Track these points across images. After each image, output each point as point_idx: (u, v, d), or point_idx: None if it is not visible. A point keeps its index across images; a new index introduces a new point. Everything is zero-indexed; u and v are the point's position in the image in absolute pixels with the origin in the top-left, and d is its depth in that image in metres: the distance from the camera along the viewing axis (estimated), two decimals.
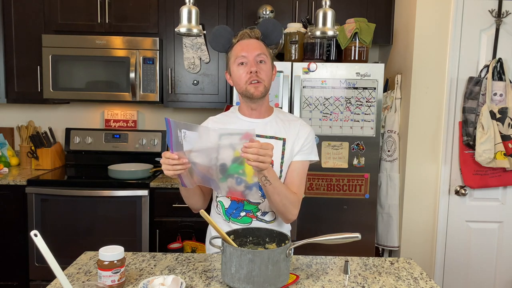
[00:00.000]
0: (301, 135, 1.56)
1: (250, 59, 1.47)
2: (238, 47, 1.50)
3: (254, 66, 1.46)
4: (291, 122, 1.58)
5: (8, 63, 2.95)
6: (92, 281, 1.33)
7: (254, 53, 1.47)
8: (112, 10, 2.89)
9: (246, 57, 1.48)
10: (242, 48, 1.49)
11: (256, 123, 1.53)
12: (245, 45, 1.49)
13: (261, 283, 1.25)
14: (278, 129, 1.55)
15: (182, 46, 2.91)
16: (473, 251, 2.71)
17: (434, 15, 2.57)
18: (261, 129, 1.54)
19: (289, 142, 1.54)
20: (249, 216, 1.55)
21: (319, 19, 1.72)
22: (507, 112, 2.51)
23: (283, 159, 1.53)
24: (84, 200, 2.73)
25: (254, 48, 1.48)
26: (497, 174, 2.58)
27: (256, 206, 1.55)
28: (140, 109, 3.36)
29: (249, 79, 1.47)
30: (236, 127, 1.49)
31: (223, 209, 1.58)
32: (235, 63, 1.50)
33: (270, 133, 1.54)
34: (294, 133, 1.55)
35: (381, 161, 2.80)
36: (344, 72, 2.53)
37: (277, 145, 1.52)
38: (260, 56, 1.48)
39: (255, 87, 1.47)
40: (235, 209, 1.56)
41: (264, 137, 1.53)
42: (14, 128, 3.35)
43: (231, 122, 1.57)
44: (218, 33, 1.52)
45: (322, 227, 2.60)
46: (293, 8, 2.90)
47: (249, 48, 1.48)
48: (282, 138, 1.54)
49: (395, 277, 1.42)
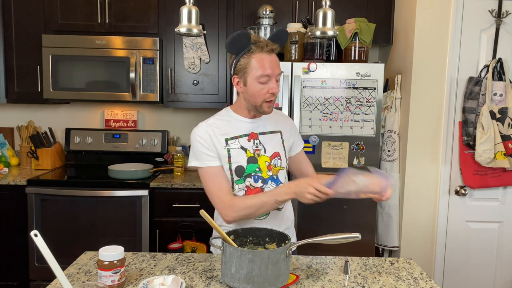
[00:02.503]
0: (291, 126, 1.71)
1: (273, 80, 1.48)
2: (260, 63, 1.46)
3: (277, 88, 1.49)
4: (278, 117, 1.68)
5: (8, 63, 2.95)
6: (92, 281, 1.33)
7: (276, 73, 1.49)
8: (112, 10, 2.89)
9: (270, 77, 1.47)
10: (266, 66, 1.46)
11: (256, 123, 1.60)
12: (268, 63, 1.47)
13: (261, 283, 1.25)
14: (273, 123, 1.64)
15: (182, 46, 2.91)
16: (473, 251, 2.71)
17: (434, 15, 2.57)
18: (261, 127, 1.60)
19: (285, 134, 1.66)
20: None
21: (319, 19, 1.72)
22: (507, 112, 2.51)
23: (285, 149, 1.65)
24: (84, 200, 2.73)
25: (276, 67, 1.49)
26: (497, 174, 2.58)
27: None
28: (140, 109, 3.36)
29: (268, 98, 1.49)
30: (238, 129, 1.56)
31: None
32: (257, 79, 1.47)
33: (269, 129, 1.62)
34: (285, 126, 1.67)
35: (381, 161, 2.80)
36: (344, 72, 2.53)
37: (277, 138, 1.63)
38: (278, 76, 1.51)
39: (269, 106, 1.52)
40: None
41: (265, 133, 1.61)
42: (14, 128, 3.35)
43: (232, 126, 1.57)
44: (238, 37, 1.46)
45: (322, 227, 2.60)
46: (293, 8, 2.90)
47: (273, 67, 1.47)
48: (279, 130, 1.65)
49: (395, 277, 1.42)
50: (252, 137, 1.55)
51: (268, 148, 1.59)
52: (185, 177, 2.94)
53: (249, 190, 1.55)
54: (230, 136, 1.54)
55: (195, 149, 1.53)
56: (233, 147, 1.53)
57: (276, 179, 1.59)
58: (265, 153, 1.58)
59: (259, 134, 1.59)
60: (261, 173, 1.55)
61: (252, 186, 1.55)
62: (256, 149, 1.56)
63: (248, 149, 1.54)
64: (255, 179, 1.55)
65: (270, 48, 1.47)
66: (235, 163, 1.52)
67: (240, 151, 1.53)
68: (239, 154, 1.53)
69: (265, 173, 1.56)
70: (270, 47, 1.48)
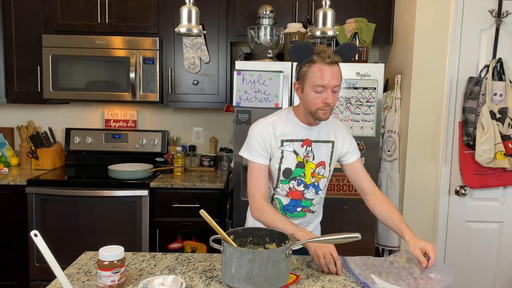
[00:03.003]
0: (346, 138, 1.73)
1: (328, 91, 1.53)
2: (318, 73, 1.52)
3: (331, 99, 1.53)
4: (335, 126, 1.73)
5: (8, 63, 2.95)
6: (92, 281, 1.33)
7: (333, 84, 1.53)
8: (112, 10, 2.89)
9: (326, 87, 1.52)
10: (324, 77, 1.51)
11: (312, 130, 1.67)
12: (326, 74, 1.51)
13: (261, 283, 1.25)
14: (328, 133, 1.70)
15: (182, 46, 2.91)
16: (473, 251, 2.71)
17: (434, 15, 2.57)
18: (315, 135, 1.68)
19: (338, 144, 1.71)
20: (304, 211, 1.72)
21: (319, 19, 1.72)
22: (507, 112, 2.51)
23: (332, 160, 1.72)
24: (84, 200, 2.73)
25: (334, 79, 1.52)
26: (497, 174, 2.58)
27: (310, 201, 1.71)
28: (140, 109, 3.36)
29: (322, 107, 1.55)
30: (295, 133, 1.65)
31: (280, 205, 1.71)
32: (312, 87, 1.53)
33: (323, 138, 1.69)
34: (340, 136, 1.72)
35: (381, 161, 2.80)
36: (344, 72, 2.51)
37: (328, 148, 1.70)
38: (336, 87, 1.54)
39: (325, 113, 1.57)
40: (293, 205, 1.70)
41: (318, 142, 1.68)
42: (14, 128, 3.35)
43: (290, 128, 1.65)
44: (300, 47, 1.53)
45: (322, 227, 2.58)
46: (293, 8, 2.90)
47: (330, 79, 1.51)
48: (332, 141, 1.70)
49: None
50: (306, 143, 1.65)
51: (317, 156, 1.68)
52: (185, 177, 2.94)
53: (291, 192, 1.68)
54: (286, 138, 1.64)
55: (251, 143, 1.64)
56: (287, 150, 1.64)
57: (317, 185, 1.70)
58: (313, 160, 1.67)
59: (313, 142, 1.67)
60: (304, 178, 1.66)
61: (294, 188, 1.67)
62: (306, 155, 1.66)
63: (299, 154, 1.65)
64: (298, 183, 1.67)
65: (332, 60, 1.52)
66: (285, 164, 1.64)
67: (292, 155, 1.64)
68: (291, 157, 1.64)
69: (308, 179, 1.67)
70: (332, 59, 1.52)
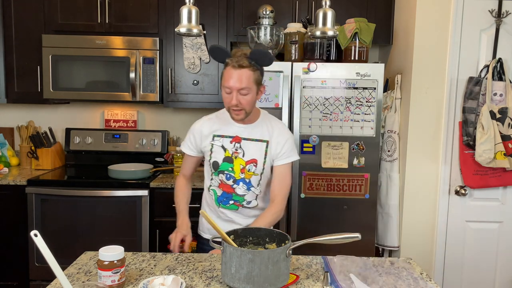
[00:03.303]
0: (281, 141, 1.76)
1: (233, 93, 1.63)
2: (226, 75, 1.63)
3: (235, 100, 1.63)
4: (274, 128, 1.78)
5: (8, 63, 2.95)
6: (92, 281, 1.33)
7: (237, 87, 1.61)
8: (112, 10, 2.89)
9: (231, 89, 1.63)
10: (228, 80, 1.62)
11: (244, 128, 1.75)
12: (231, 77, 1.61)
13: (261, 283, 1.25)
14: (263, 132, 1.77)
15: (182, 46, 2.91)
16: (473, 251, 2.71)
17: (434, 15, 2.57)
18: (248, 133, 1.76)
19: (272, 145, 1.76)
20: (236, 205, 1.80)
21: (319, 19, 1.72)
22: (507, 112, 2.51)
23: (266, 159, 1.77)
24: (84, 200, 2.73)
25: (238, 81, 1.60)
26: (497, 174, 2.58)
27: (242, 197, 1.78)
28: (140, 109, 3.36)
29: (231, 107, 1.66)
30: (227, 129, 1.76)
31: (215, 196, 1.82)
32: (223, 88, 1.65)
33: (256, 137, 1.76)
34: (275, 138, 1.76)
35: (381, 161, 2.80)
36: (344, 72, 2.53)
37: (261, 147, 1.76)
38: (243, 90, 1.62)
39: (236, 114, 1.68)
40: (226, 198, 1.79)
41: (251, 140, 1.75)
42: (14, 128, 3.35)
43: (223, 125, 1.77)
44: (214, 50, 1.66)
45: (322, 227, 2.60)
46: (293, 8, 2.90)
47: (234, 81, 1.61)
48: (266, 140, 1.76)
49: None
50: (235, 140, 1.75)
51: (247, 153, 1.75)
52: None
53: (222, 184, 1.78)
54: (218, 133, 1.77)
55: (187, 135, 1.85)
56: (216, 144, 1.76)
57: (248, 182, 1.76)
58: (243, 157, 1.75)
59: (243, 139, 1.75)
60: (233, 174, 1.75)
61: (224, 182, 1.77)
62: (235, 151, 1.75)
63: (228, 150, 1.75)
64: (227, 177, 1.76)
65: (238, 64, 1.60)
66: (214, 158, 1.76)
67: (220, 149, 1.76)
68: (219, 151, 1.76)
69: (237, 174, 1.75)
70: (238, 63, 1.60)
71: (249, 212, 1.82)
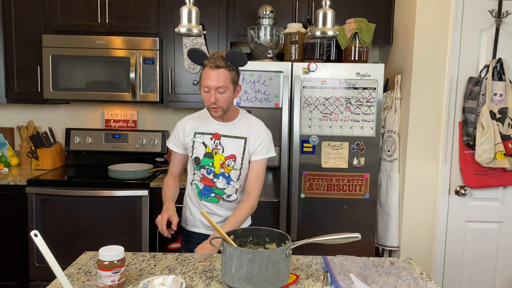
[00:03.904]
0: (259, 137, 1.87)
1: (212, 91, 1.73)
2: (205, 75, 1.73)
3: (213, 98, 1.73)
4: (252, 126, 1.89)
5: (8, 63, 2.95)
6: (92, 281, 1.33)
7: (215, 86, 1.71)
8: (112, 10, 2.89)
9: (209, 88, 1.72)
10: (206, 79, 1.72)
11: (224, 125, 1.86)
12: (209, 77, 1.71)
13: (261, 283, 1.25)
14: (241, 129, 1.87)
15: (182, 46, 2.91)
16: (473, 251, 2.71)
17: (434, 15, 2.57)
18: (227, 130, 1.86)
19: (250, 141, 1.86)
20: (217, 197, 1.89)
21: (319, 19, 1.72)
22: (507, 112, 2.51)
23: (244, 154, 1.86)
24: (84, 200, 2.73)
25: (216, 80, 1.71)
26: (497, 174, 2.58)
27: (222, 190, 1.88)
28: (140, 109, 3.36)
29: (210, 104, 1.76)
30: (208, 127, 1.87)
31: (197, 190, 1.91)
32: (202, 87, 1.75)
33: (234, 134, 1.86)
34: (254, 135, 1.87)
35: (381, 161, 2.80)
36: (344, 72, 2.53)
37: (240, 143, 1.86)
38: (220, 89, 1.72)
39: (215, 111, 1.78)
40: (207, 191, 1.89)
41: (229, 137, 1.85)
42: (14, 128, 3.35)
43: (204, 123, 1.88)
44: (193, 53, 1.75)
45: (322, 227, 2.60)
46: (293, 8, 2.90)
47: (212, 80, 1.71)
48: (244, 137, 1.86)
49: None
50: (215, 137, 1.85)
51: (226, 149, 1.85)
52: (185, 177, 2.93)
53: (203, 178, 1.88)
54: (199, 131, 1.87)
55: (172, 134, 1.95)
56: (197, 141, 1.87)
57: (227, 176, 1.86)
58: (222, 153, 1.85)
59: (222, 136, 1.85)
60: (214, 168, 1.85)
61: (205, 176, 1.87)
62: (215, 147, 1.85)
63: (208, 146, 1.85)
64: (208, 171, 1.86)
65: (215, 64, 1.70)
66: (195, 154, 1.87)
67: (201, 145, 1.86)
68: (200, 147, 1.86)
69: (217, 169, 1.85)
70: (215, 63, 1.70)
71: (230, 206, 1.91)
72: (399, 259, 1.59)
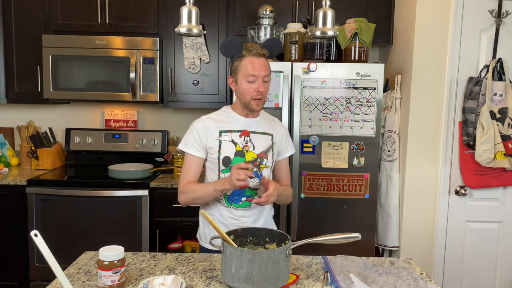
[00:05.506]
0: (283, 134, 1.85)
1: (259, 80, 1.66)
2: (248, 65, 1.65)
3: (262, 87, 1.66)
4: (272, 122, 1.85)
5: (8, 63, 2.95)
6: (92, 281, 1.33)
7: (263, 74, 1.66)
8: (112, 10, 2.89)
9: (256, 77, 1.65)
10: (254, 67, 1.65)
11: (251, 122, 1.77)
12: (256, 65, 1.65)
13: (261, 283, 1.25)
14: (267, 126, 1.80)
15: (182, 46, 2.91)
16: (473, 251, 2.71)
17: (434, 15, 2.57)
18: (254, 126, 1.77)
19: (276, 138, 1.81)
20: (249, 201, 1.74)
21: (319, 19, 1.72)
22: (507, 112, 2.51)
23: (273, 151, 1.80)
24: (84, 200, 2.73)
25: (263, 69, 1.66)
26: (497, 174, 2.58)
27: (255, 191, 1.74)
28: (140, 109, 3.36)
29: (255, 96, 1.67)
30: (233, 124, 1.74)
31: (225, 196, 1.73)
32: (245, 78, 1.66)
33: (262, 130, 1.78)
34: (277, 132, 1.83)
35: (381, 161, 2.80)
36: (344, 72, 2.53)
37: (268, 139, 1.79)
38: (266, 77, 1.68)
39: (257, 104, 1.70)
40: (237, 195, 1.73)
41: (258, 133, 1.77)
42: (14, 128, 3.35)
43: (229, 121, 1.75)
44: (231, 43, 1.67)
45: (322, 227, 2.60)
46: (293, 8, 2.90)
47: (260, 69, 1.65)
48: (270, 133, 1.80)
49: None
50: (244, 134, 1.73)
51: (257, 146, 1.75)
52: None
53: None
54: (224, 129, 1.73)
55: (187, 137, 1.74)
56: (225, 139, 1.71)
57: (260, 175, 1.73)
58: (254, 150, 1.74)
59: (251, 132, 1.75)
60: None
61: None
62: (245, 145, 1.74)
63: (238, 144, 1.72)
64: None
65: (258, 52, 1.66)
66: (224, 153, 1.70)
67: (230, 144, 1.71)
68: (229, 146, 1.71)
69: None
70: (259, 51, 1.66)
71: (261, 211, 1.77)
72: (399, 259, 1.59)
